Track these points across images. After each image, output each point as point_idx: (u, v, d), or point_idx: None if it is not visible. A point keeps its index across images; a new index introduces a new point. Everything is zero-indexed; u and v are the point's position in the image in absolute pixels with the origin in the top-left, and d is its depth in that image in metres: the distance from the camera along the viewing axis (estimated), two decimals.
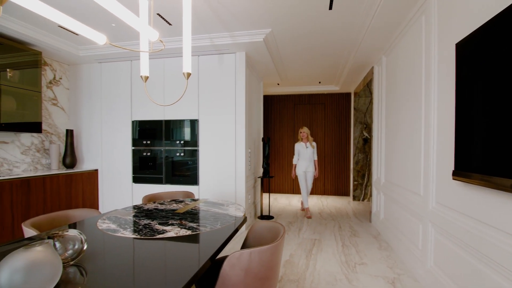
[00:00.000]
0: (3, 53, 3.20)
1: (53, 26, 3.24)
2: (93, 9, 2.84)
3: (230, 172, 3.83)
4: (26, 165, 3.80)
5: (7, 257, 0.79)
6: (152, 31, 1.51)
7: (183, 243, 1.38)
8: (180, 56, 3.93)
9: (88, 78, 4.36)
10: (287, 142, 7.05)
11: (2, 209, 2.98)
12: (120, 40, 3.66)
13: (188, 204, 2.27)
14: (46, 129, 4.06)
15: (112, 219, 1.80)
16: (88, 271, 1.07)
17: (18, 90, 3.37)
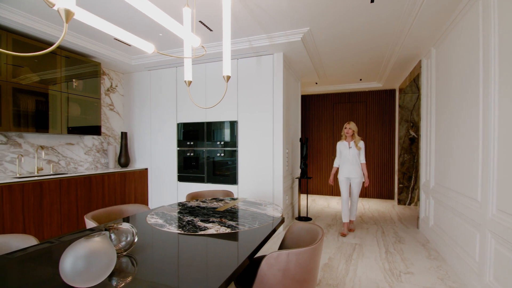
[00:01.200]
0: (70, 65, 3.62)
1: (109, 39, 3.58)
2: (142, 21, 3.07)
3: (268, 172, 3.84)
4: (88, 164, 4.25)
5: (71, 246, 0.89)
6: (195, 37, 1.58)
7: (223, 240, 1.42)
8: (221, 60, 4.06)
9: (139, 85, 4.72)
10: (325, 142, 6.85)
11: (69, 202, 3.37)
12: (167, 48, 3.90)
13: (228, 203, 2.33)
14: (104, 132, 4.50)
15: (159, 214, 1.93)
16: (138, 261, 1.16)
17: (82, 97, 3.79)
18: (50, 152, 3.70)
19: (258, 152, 3.88)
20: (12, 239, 1.36)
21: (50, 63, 3.39)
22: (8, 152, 3.26)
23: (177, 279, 1.02)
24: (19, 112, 3.09)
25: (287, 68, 4.18)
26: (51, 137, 3.70)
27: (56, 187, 3.22)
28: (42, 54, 0.70)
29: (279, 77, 3.77)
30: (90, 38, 3.55)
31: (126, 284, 0.98)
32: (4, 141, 3.22)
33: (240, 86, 3.97)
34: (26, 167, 3.42)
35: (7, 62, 2.94)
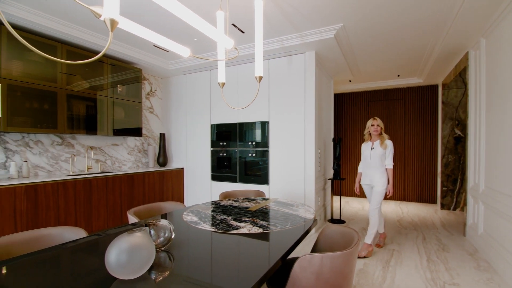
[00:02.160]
0: (115, 72, 3.90)
1: (149, 46, 3.79)
2: (179, 28, 3.20)
3: (299, 173, 3.78)
4: (131, 163, 4.53)
5: (115, 240, 0.95)
6: (228, 40, 1.61)
7: (255, 240, 1.43)
8: (252, 61, 4.09)
9: (176, 88, 4.94)
10: (359, 142, 6.56)
11: (114, 198, 3.62)
12: (201, 52, 4.03)
13: (260, 203, 2.33)
14: (145, 133, 4.78)
15: (194, 212, 1.99)
16: (175, 257, 1.20)
17: (125, 102, 4.06)
18: (98, 152, 4.02)
19: (290, 152, 3.84)
20: (66, 231, 1.50)
21: (98, 70, 3.68)
22: (63, 152, 3.60)
23: (211, 277, 1.04)
24: (72, 116, 3.39)
25: (319, 66, 4.08)
26: (99, 138, 4.02)
27: (103, 184, 3.48)
28: (91, 61, 0.75)
29: (311, 76, 3.70)
30: (132, 45, 3.79)
31: (164, 278, 1.02)
32: (60, 142, 3.56)
33: (271, 87, 3.96)
34: (78, 165, 3.75)
35: (62, 71, 3.25)
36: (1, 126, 2.75)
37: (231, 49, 1.79)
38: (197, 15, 1.31)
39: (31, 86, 2.97)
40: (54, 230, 1.48)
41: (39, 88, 3.04)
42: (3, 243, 1.31)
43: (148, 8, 2.79)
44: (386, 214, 4.87)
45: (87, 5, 0.86)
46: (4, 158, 3.05)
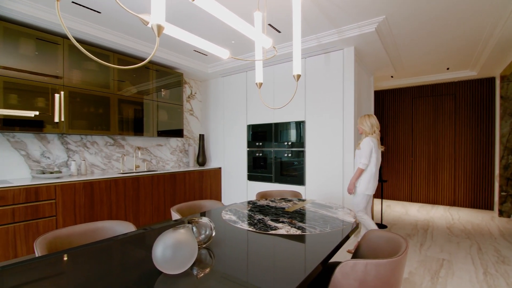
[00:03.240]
0: (159, 77, 4.13)
1: (189, 50, 3.95)
2: (217, 31, 3.28)
3: (337, 174, 3.64)
4: (173, 162, 4.77)
5: (161, 236, 0.99)
6: (267, 39, 1.59)
7: (293, 242, 1.39)
8: (288, 61, 4.04)
9: (214, 90, 5.08)
10: (403, 141, 6.12)
11: (158, 195, 3.84)
12: (238, 54, 4.10)
13: (296, 204, 2.28)
14: (186, 134, 4.99)
15: (232, 211, 2.01)
16: (215, 255, 1.22)
17: (168, 105, 4.28)
18: (144, 152, 4.30)
19: (327, 152, 3.71)
20: (117, 225, 1.61)
21: (145, 76, 3.94)
22: (115, 152, 3.90)
23: (251, 277, 1.03)
24: (122, 119, 3.66)
25: (359, 63, 3.88)
26: (145, 139, 4.30)
27: (149, 182, 3.70)
28: (140, 66, 0.79)
29: (349, 73, 3.53)
30: (173, 51, 3.98)
31: (205, 275, 1.03)
32: (112, 143, 3.87)
33: (307, 86, 3.87)
34: (127, 164, 4.05)
35: (114, 78, 3.53)
36: (64, 128, 3.07)
37: (269, 48, 1.78)
38: (235, 15, 1.32)
39: (88, 93, 3.28)
40: (107, 223, 1.60)
41: (94, 94, 3.34)
42: (65, 233, 1.45)
43: (187, 15, 2.90)
44: (433, 220, 4.47)
45: (136, 14, 0.91)
46: (66, 157, 3.40)
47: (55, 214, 2.81)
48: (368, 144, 2.78)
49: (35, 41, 2.87)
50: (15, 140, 3.00)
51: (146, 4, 2.62)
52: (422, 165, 5.89)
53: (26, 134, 3.06)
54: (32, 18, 2.73)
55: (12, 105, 2.72)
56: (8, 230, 2.51)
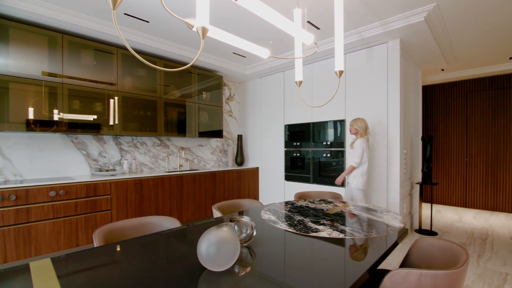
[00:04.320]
0: (200, 80, 4.29)
1: (228, 53, 4.03)
2: (255, 32, 3.30)
3: (381, 176, 3.41)
4: (213, 162, 4.92)
5: (205, 233, 1.01)
6: (308, 35, 1.55)
7: (336, 246, 1.32)
8: (327, 58, 3.90)
9: (252, 91, 5.13)
10: (455, 141, 5.52)
11: (200, 193, 3.98)
12: (276, 54, 4.07)
13: (338, 206, 2.18)
14: (225, 135, 5.11)
15: (271, 211, 1.99)
16: (256, 254, 1.21)
17: (208, 107, 4.43)
18: (187, 152, 4.50)
19: (369, 152, 3.50)
20: (164, 220, 1.69)
21: (187, 80, 4.12)
22: (161, 152, 4.15)
23: (294, 281, 1.00)
24: (167, 121, 3.88)
25: (405, 56, 3.60)
26: (188, 140, 4.50)
27: (191, 180, 3.87)
28: (185, 69, 0.82)
29: (394, 68, 3.29)
30: (213, 55, 4.10)
31: (246, 273, 1.03)
32: (158, 143, 4.12)
33: (348, 83, 3.69)
34: (172, 163, 4.27)
35: (160, 83, 3.76)
36: (118, 130, 3.34)
37: (311, 45, 1.73)
38: (277, 12, 1.29)
39: (137, 97, 3.53)
40: (155, 218, 1.70)
41: (143, 98, 3.59)
42: (119, 226, 1.57)
43: (225, 19, 2.96)
44: (493, 229, 3.96)
45: (181, 18, 0.94)
46: (119, 156, 3.70)
47: (110, 208, 3.08)
48: (360, 145, 3.05)
49: (94, 51, 3.18)
50: (77, 141, 3.35)
51: (187, 10, 2.73)
52: (479, 166, 5.25)
53: (86, 135, 3.40)
54: (92, 31, 3.02)
55: (75, 110, 3.04)
56: (72, 221, 2.81)
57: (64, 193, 2.75)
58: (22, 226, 2.52)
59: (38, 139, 3.07)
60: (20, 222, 2.51)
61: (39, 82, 2.79)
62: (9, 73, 2.62)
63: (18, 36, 2.68)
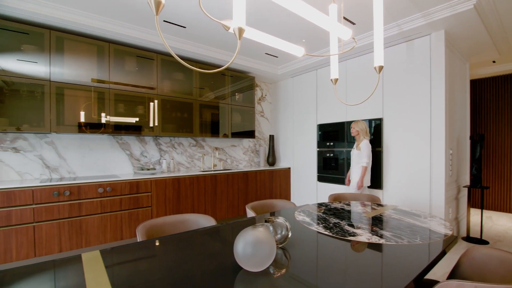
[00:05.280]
0: (233, 82, 4.36)
1: (261, 54, 4.04)
2: (288, 31, 3.26)
3: (423, 177, 3.16)
4: (245, 162, 4.96)
5: (242, 232, 1.01)
6: (346, 29, 1.48)
7: (376, 252, 1.24)
8: (363, 54, 3.73)
9: (284, 91, 5.09)
10: (509, 140, 4.92)
11: (233, 192, 4.04)
12: (310, 53, 3.98)
13: (376, 209, 2.06)
14: (257, 135, 5.13)
15: (305, 212, 1.94)
16: (291, 256, 1.18)
17: (241, 107, 4.48)
18: (221, 152, 4.59)
19: (410, 153, 3.27)
20: (201, 218, 1.73)
21: (221, 82, 4.21)
22: (196, 152, 4.29)
23: (330, 286, 0.96)
24: (202, 122, 3.99)
25: (450, 48, 3.30)
26: (221, 140, 4.59)
27: (224, 179, 3.94)
28: (220, 70, 0.82)
29: (438, 61, 3.03)
30: (246, 56, 4.14)
31: (281, 275, 1.01)
32: (194, 143, 4.26)
33: (386, 79, 3.48)
34: (206, 163, 4.39)
35: (196, 86, 3.88)
36: (157, 131, 3.52)
37: (348, 40, 1.65)
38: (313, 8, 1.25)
39: (175, 99, 3.69)
40: (192, 216, 1.75)
41: (180, 101, 3.74)
42: (159, 223, 1.64)
43: (258, 20, 2.96)
44: None
45: (218, 20, 0.95)
46: (159, 156, 3.90)
47: (151, 205, 3.25)
48: (367, 145, 3.23)
49: (136, 58, 3.38)
50: (122, 142, 3.59)
51: (222, 14, 2.78)
52: None
53: (130, 136, 3.63)
54: (134, 39, 3.22)
55: (120, 113, 3.26)
56: (117, 216, 3.01)
57: (111, 190, 2.96)
58: (75, 220, 2.77)
59: (88, 140, 3.35)
60: (73, 215, 2.76)
61: (89, 88, 3.04)
62: (64, 81, 2.89)
63: (72, 47, 2.95)
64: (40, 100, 2.78)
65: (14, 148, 2.91)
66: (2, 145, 2.85)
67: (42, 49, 2.77)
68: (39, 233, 2.58)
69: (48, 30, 2.80)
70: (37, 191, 2.57)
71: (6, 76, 2.61)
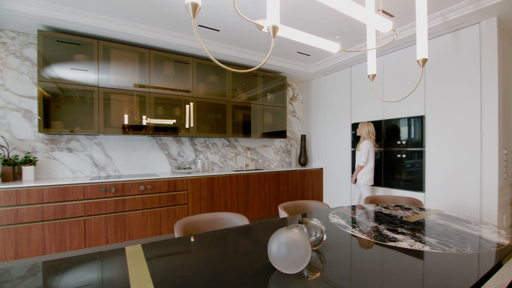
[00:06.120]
0: (265, 83, 4.36)
1: (293, 53, 3.99)
2: (320, 28, 3.18)
3: (472, 180, 2.86)
4: (277, 162, 4.93)
5: (276, 233, 1.00)
6: (385, 21, 1.39)
7: (420, 260, 1.14)
8: (401, 48, 3.50)
9: (316, 90, 4.97)
10: None
11: (264, 192, 4.04)
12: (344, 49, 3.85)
13: (418, 214, 1.91)
14: (288, 135, 5.08)
15: (340, 214, 1.87)
16: (326, 259, 1.14)
17: (272, 108, 4.47)
18: (252, 152, 4.62)
19: (456, 153, 2.98)
20: (234, 217, 1.76)
21: (253, 83, 4.24)
22: (229, 152, 4.37)
23: None
24: (234, 122, 4.06)
25: (504, 37, 2.94)
26: (253, 140, 4.62)
27: (256, 179, 3.95)
28: (254, 70, 0.81)
29: (490, 51, 2.73)
30: (278, 56, 4.12)
31: (316, 279, 0.97)
32: (227, 144, 4.34)
33: (428, 74, 3.22)
34: (239, 163, 4.45)
35: (229, 87, 3.96)
36: (193, 132, 3.65)
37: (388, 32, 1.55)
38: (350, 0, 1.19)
39: (209, 101, 3.79)
40: (226, 214, 1.78)
41: (214, 102, 3.84)
42: (195, 220, 1.69)
43: (290, 19, 2.92)
44: None
45: (251, 20, 0.95)
46: (194, 156, 4.04)
47: (187, 203, 3.38)
48: (366, 146, 3.48)
49: (174, 63, 3.55)
50: (161, 142, 3.78)
51: (255, 15, 2.80)
52: None
53: (168, 137, 3.81)
54: (172, 44, 3.38)
55: (159, 115, 3.45)
56: (156, 213, 3.18)
57: (151, 187, 3.13)
58: (119, 214, 2.97)
59: (131, 141, 3.58)
60: (118, 211, 2.97)
61: (131, 93, 3.25)
62: (111, 86, 3.13)
63: (117, 55, 3.19)
64: (90, 104, 3.04)
65: (68, 149, 3.22)
66: (59, 145, 3.17)
67: (92, 58, 3.03)
68: (88, 226, 2.82)
69: (97, 40, 3.05)
70: (87, 187, 2.81)
71: (62, 84, 2.90)
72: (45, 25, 2.83)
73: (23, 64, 2.99)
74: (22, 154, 2.98)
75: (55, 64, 2.85)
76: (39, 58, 2.77)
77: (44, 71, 2.80)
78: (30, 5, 2.58)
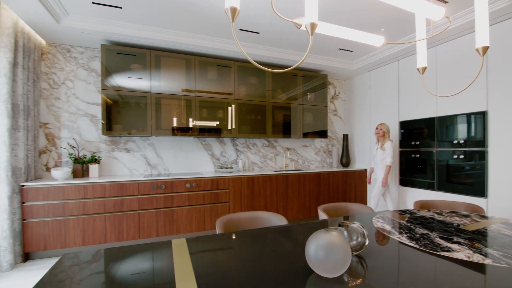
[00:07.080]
0: (305, 82, 4.29)
1: (334, 50, 3.85)
2: (364, 22, 3.01)
3: None
4: (317, 163, 4.81)
5: (314, 235, 0.97)
6: (437, 8, 1.25)
7: (479, 274, 1.01)
8: (457, 37, 3.14)
9: (359, 87, 4.71)
10: None
11: (304, 193, 3.97)
12: (390, 42, 3.60)
13: (478, 222, 1.69)
14: (329, 135, 4.91)
15: (385, 219, 1.75)
16: (368, 265, 1.08)
17: (313, 107, 4.37)
18: (292, 153, 4.58)
19: None
20: (273, 217, 1.76)
21: (293, 83, 4.20)
22: (269, 152, 4.39)
23: None
24: (274, 123, 4.06)
25: None
26: (293, 140, 4.57)
27: (296, 180, 3.91)
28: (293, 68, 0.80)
29: None
30: (318, 54, 4.01)
31: (357, 285, 0.92)
32: (267, 144, 4.37)
33: (490, 64, 2.83)
34: (278, 163, 4.45)
35: (269, 89, 3.99)
36: (234, 133, 3.76)
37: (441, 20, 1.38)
38: None
39: (249, 103, 3.87)
40: (265, 214, 1.79)
41: (254, 104, 3.90)
42: (236, 218, 1.74)
43: (332, 13, 2.82)
44: None
45: (289, 19, 0.95)
46: (235, 156, 4.15)
47: (228, 201, 3.49)
48: (391, 145, 3.52)
49: (216, 67, 3.70)
50: (205, 143, 3.97)
51: (293, 15, 2.77)
52: None
53: (211, 138, 3.99)
54: (215, 50, 3.53)
55: (203, 117, 3.62)
56: (200, 209, 3.35)
57: (196, 185, 3.31)
58: (168, 210, 3.20)
59: (179, 141, 3.83)
60: (167, 206, 3.20)
61: (179, 97, 3.48)
62: (161, 91, 3.39)
63: (166, 62, 3.44)
64: (144, 109, 3.33)
65: (126, 149, 3.58)
66: (118, 146, 3.54)
67: (145, 67, 3.32)
68: (142, 219, 3.09)
69: (149, 50, 3.33)
70: (141, 184, 3.09)
71: (121, 91, 3.23)
72: (107, 40, 3.19)
73: (90, 75, 3.41)
74: (89, 154, 3.40)
75: (115, 73, 3.20)
76: (102, 69, 3.13)
77: (106, 81, 3.15)
78: (95, 23, 2.93)
